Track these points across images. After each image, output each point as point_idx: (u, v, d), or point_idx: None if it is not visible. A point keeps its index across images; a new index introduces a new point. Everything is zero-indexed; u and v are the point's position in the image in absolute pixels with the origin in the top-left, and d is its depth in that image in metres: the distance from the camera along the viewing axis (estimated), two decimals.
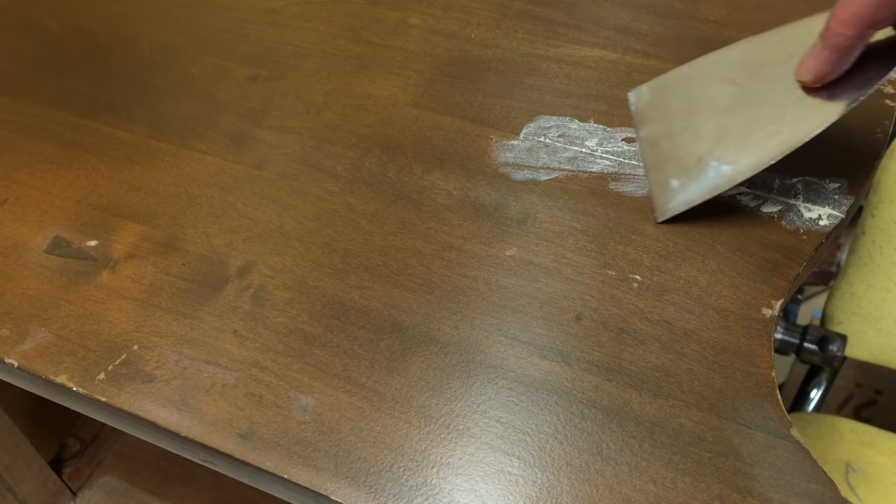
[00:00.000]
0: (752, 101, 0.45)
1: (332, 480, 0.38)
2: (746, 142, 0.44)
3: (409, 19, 0.61)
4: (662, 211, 0.47)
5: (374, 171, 0.51)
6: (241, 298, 0.45)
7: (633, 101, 0.51)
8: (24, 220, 0.50)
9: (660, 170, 0.48)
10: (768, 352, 0.41)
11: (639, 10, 0.59)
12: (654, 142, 0.49)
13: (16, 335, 0.45)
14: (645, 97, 0.51)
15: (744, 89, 0.46)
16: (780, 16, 0.57)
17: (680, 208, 0.46)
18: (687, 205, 0.46)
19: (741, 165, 0.44)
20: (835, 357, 0.75)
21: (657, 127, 0.49)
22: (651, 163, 0.48)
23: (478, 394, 0.41)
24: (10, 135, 0.56)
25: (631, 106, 0.51)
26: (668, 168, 0.47)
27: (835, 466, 0.74)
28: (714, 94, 0.47)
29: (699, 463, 0.38)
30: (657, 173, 0.48)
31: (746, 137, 0.44)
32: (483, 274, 0.45)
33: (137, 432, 0.43)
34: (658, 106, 0.50)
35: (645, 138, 0.49)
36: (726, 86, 0.46)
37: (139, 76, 0.59)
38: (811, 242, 0.45)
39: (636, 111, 0.51)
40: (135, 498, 0.97)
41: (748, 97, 0.45)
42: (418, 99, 0.55)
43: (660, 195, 0.47)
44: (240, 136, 0.54)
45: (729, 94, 0.46)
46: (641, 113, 0.51)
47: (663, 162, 0.48)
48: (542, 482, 0.38)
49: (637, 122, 0.51)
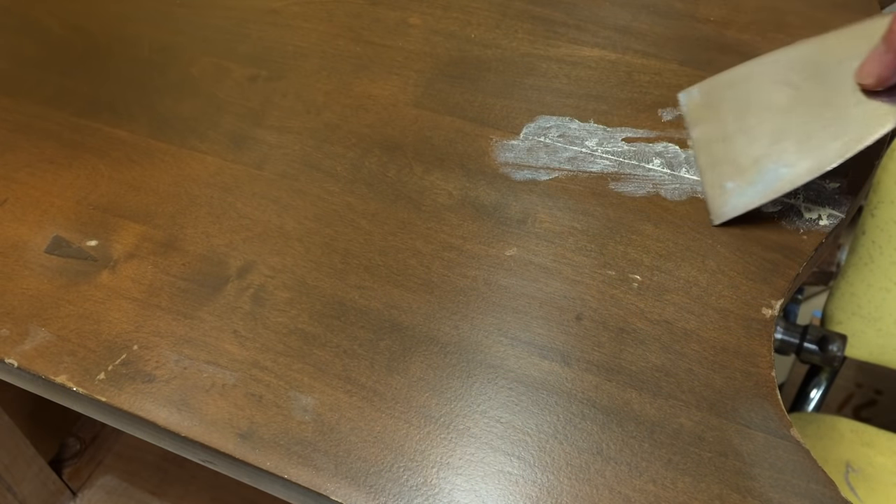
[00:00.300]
0: (810, 103, 0.44)
1: (332, 480, 0.38)
2: (806, 145, 0.44)
3: (409, 19, 0.61)
4: (718, 214, 0.46)
5: (374, 171, 0.51)
6: (241, 298, 0.45)
7: (683, 103, 0.51)
8: (24, 220, 0.50)
9: (714, 172, 0.47)
10: (768, 352, 0.41)
11: (639, 10, 0.59)
12: (706, 143, 0.48)
13: (16, 335, 0.45)
14: (696, 98, 0.50)
15: (801, 91, 0.45)
16: (780, 16, 0.57)
17: (737, 212, 0.45)
18: (745, 208, 0.45)
19: (800, 168, 0.44)
20: (835, 357, 0.75)
21: (709, 128, 0.49)
22: (705, 165, 0.48)
23: (478, 394, 0.41)
24: (10, 135, 0.56)
25: (681, 107, 0.51)
26: (722, 170, 0.47)
27: (835, 466, 0.74)
28: (769, 96, 0.46)
29: (699, 463, 0.38)
30: (711, 175, 0.47)
31: (806, 140, 0.44)
32: (483, 274, 0.45)
33: (137, 432, 0.43)
34: (709, 107, 0.49)
35: (697, 140, 0.49)
36: (782, 88, 0.46)
37: (139, 76, 0.59)
38: (811, 242, 0.45)
39: (687, 113, 0.50)
40: (135, 498, 0.97)
41: (805, 99, 0.45)
42: (418, 99, 0.55)
43: (715, 198, 0.46)
44: (240, 136, 0.54)
45: (785, 97, 0.45)
46: (692, 114, 0.50)
47: (717, 164, 0.47)
48: (542, 482, 0.38)
49: (688, 124, 0.50)
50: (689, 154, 0.50)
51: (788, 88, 0.46)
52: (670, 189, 0.48)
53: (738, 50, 0.56)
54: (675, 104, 0.53)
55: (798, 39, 0.46)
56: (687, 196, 0.48)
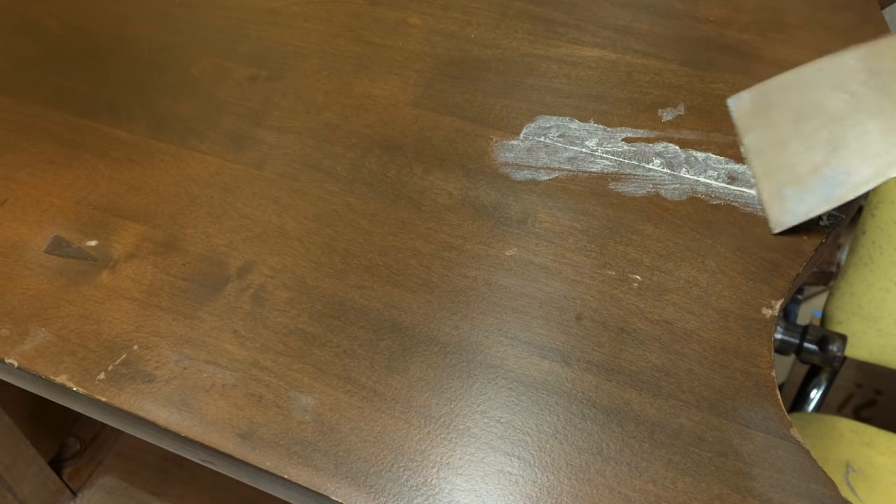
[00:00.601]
0: (868, 109, 0.44)
1: (332, 480, 0.38)
2: (867, 151, 0.43)
3: (409, 19, 0.61)
4: (777, 222, 0.46)
5: (374, 171, 0.51)
6: (241, 298, 0.45)
7: (733, 108, 0.51)
8: (24, 220, 0.50)
9: (770, 179, 0.47)
10: (768, 352, 0.41)
11: (639, 10, 0.59)
12: (760, 150, 0.48)
13: (16, 335, 0.45)
14: (746, 104, 0.50)
15: (857, 98, 0.45)
16: (780, 16, 0.57)
17: (797, 220, 0.45)
18: (805, 216, 0.45)
19: (862, 175, 0.43)
20: (835, 357, 0.75)
21: (762, 135, 0.48)
22: (760, 172, 0.48)
23: (478, 394, 0.41)
24: (10, 135, 0.56)
25: (731, 113, 0.51)
26: (779, 177, 0.46)
27: (835, 466, 0.74)
28: (824, 102, 0.46)
29: (699, 463, 0.38)
30: (768, 182, 0.47)
31: (866, 147, 0.44)
32: (483, 274, 0.45)
33: (137, 432, 0.43)
34: (761, 113, 0.49)
35: (750, 146, 0.49)
36: (837, 94, 0.45)
37: (139, 76, 0.59)
38: (811, 242, 0.45)
39: (737, 118, 0.50)
40: (135, 498, 0.97)
41: (863, 106, 0.44)
42: (418, 99, 0.55)
43: (773, 206, 0.46)
44: (240, 136, 0.54)
45: (841, 103, 0.45)
46: (743, 120, 0.50)
47: (774, 171, 0.47)
48: (542, 482, 0.38)
49: (739, 130, 0.50)
50: (689, 154, 0.50)
51: (844, 94, 0.45)
52: (670, 189, 0.48)
53: (738, 50, 0.56)
54: (674, 104, 0.53)
55: (798, 39, 0.46)
56: (687, 196, 0.48)
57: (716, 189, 0.48)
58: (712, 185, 0.48)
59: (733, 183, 0.48)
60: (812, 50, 0.55)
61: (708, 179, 0.49)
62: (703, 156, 0.50)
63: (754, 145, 0.49)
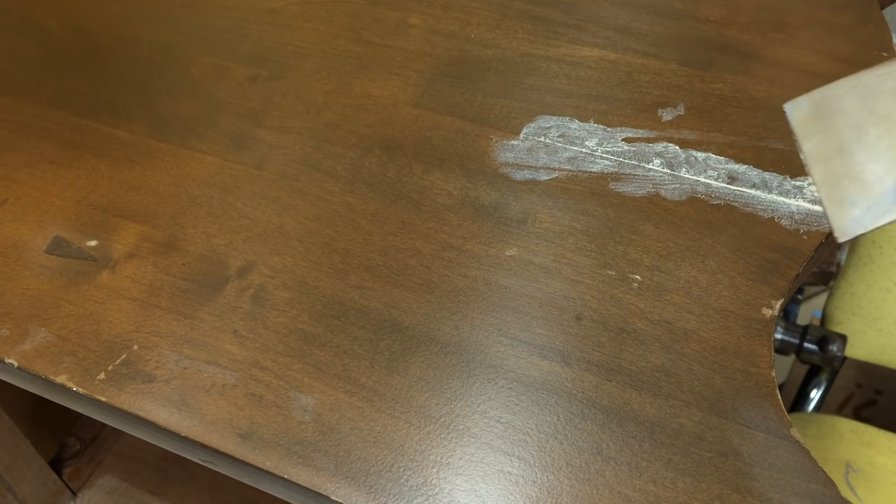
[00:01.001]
0: None
1: (332, 480, 0.38)
2: None
3: (409, 19, 0.61)
4: (843, 231, 0.45)
5: (374, 171, 0.51)
6: (241, 298, 0.45)
7: (790, 114, 0.50)
8: (24, 220, 0.50)
9: (834, 187, 0.47)
10: (768, 352, 0.41)
11: (639, 10, 0.59)
12: (821, 158, 0.48)
13: (16, 335, 0.45)
14: (804, 110, 0.50)
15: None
16: (780, 16, 0.57)
17: (864, 229, 0.45)
18: (872, 225, 0.44)
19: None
20: (835, 357, 0.75)
21: (823, 142, 0.48)
22: (822, 180, 0.48)
23: (478, 394, 0.41)
24: (10, 135, 0.56)
25: (789, 119, 0.50)
26: (843, 186, 0.46)
27: (835, 466, 0.74)
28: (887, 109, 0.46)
29: (699, 463, 0.38)
30: (832, 191, 0.47)
31: None
32: (483, 274, 0.45)
33: (137, 432, 0.43)
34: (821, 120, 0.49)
35: (810, 153, 0.49)
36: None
37: (139, 76, 0.59)
38: (811, 242, 0.45)
39: (795, 125, 0.50)
40: (135, 498, 0.97)
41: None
42: (418, 99, 0.55)
43: (839, 215, 0.46)
44: (240, 136, 0.54)
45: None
46: (802, 126, 0.50)
47: (837, 180, 0.47)
48: (542, 482, 0.38)
49: (798, 136, 0.50)
50: (689, 154, 0.50)
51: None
52: (670, 189, 0.48)
53: (738, 50, 0.56)
54: (674, 104, 0.53)
55: (798, 39, 0.46)
56: (687, 196, 0.48)
57: (716, 189, 0.48)
58: (712, 185, 0.49)
59: (733, 183, 0.48)
60: (812, 50, 0.55)
61: (708, 179, 0.49)
62: (703, 156, 0.50)
63: (815, 152, 0.49)
